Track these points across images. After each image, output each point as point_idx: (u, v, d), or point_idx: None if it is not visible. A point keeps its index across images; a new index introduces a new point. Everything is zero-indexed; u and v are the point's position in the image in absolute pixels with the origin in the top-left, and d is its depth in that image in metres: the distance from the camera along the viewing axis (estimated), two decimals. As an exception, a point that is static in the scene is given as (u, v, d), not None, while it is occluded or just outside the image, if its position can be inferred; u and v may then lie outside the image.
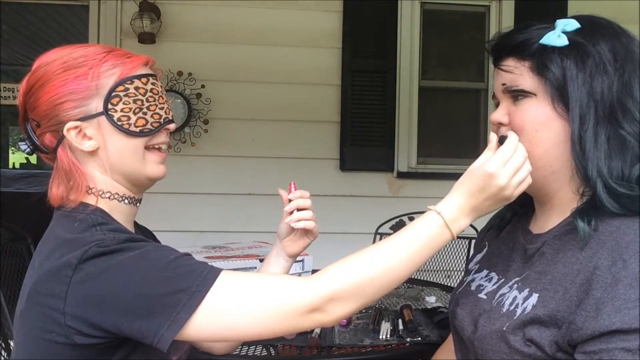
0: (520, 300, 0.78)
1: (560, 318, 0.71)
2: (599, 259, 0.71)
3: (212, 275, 0.74)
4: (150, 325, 0.71)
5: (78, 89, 0.82)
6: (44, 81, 0.82)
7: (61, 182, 0.86)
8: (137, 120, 0.84)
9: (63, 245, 0.76)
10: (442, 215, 0.78)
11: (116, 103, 0.83)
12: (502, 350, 0.77)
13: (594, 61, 0.77)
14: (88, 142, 0.83)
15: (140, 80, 0.85)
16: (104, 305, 0.72)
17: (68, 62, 0.82)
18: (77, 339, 0.74)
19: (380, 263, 0.76)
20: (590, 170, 0.75)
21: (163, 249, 0.78)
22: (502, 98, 0.85)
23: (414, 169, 3.32)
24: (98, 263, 0.73)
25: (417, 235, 0.78)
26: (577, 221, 0.76)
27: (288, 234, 1.04)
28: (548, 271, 0.77)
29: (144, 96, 0.85)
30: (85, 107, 0.82)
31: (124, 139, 0.84)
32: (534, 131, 0.80)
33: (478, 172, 0.77)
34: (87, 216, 0.81)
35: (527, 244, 0.87)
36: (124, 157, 0.85)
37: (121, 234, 0.78)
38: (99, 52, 0.84)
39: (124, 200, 0.87)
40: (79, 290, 0.72)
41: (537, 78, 0.79)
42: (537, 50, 0.79)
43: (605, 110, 0.76)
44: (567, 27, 0.79)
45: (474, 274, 0.97)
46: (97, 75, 0.82)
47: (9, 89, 4.87)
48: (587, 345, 0.68)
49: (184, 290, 0.72)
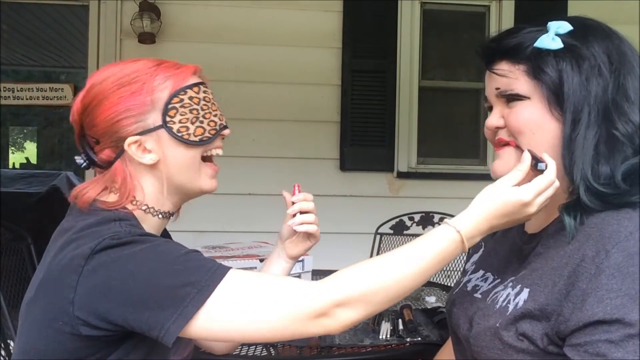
0: (512, 296, 0.79)
1: (550, 311, 0.72)
2: (585, 250, 0.72)
3: (221, 271, 0.75)
4: (158, 318, 0.71)
5: (134, 105, 0.84)
6: (100, 100, 0.85)
7: (102, 186, 0.87)
8: (196, 130, 0.87)
9: (80, 238, 0.77)
10: (461, 233, 0.76)
11: (173, 115, 0.85)
12: (496, 346, 0.77)
13: (590, 64, 0.77)
14: (148, 155, 0.85)
15: (192, 89, 0.87)
16: (113, 295, 0.72)
17: (121, 79, 0.85)
18: (82, 330, 0.74)
19: (392, 273, 0.75)
20: (575, 173, 0.76)
21: (174, 244, 0.80)
22: (496, 102, 0.85)
23: (414, 169, 3.32)
24: (111, 253, 0.74)
25: (432, 248, 0.77)
26: (564, 216, 0.77)
27: (290, 236, 1.05)
28: (539, 267, 0.78)
29: (198, 105, 0.87)
30: (143, 121, 0.85)
31: (183, 149, 0.87)
32: (532, 133, 0.80)
33: (509, 198, 0.76)
34: (112, 212, 0.83)
35: (524, 244, 0.88)
36: (182, 168, 0.87)
37: (138, 230, 0.80)
38: (149, 66, 0.87)
39: (158, 214, 0.89)
40: (90, 280, 0.73)
41: (533, 82, 0.79)
42: (532, 53, 0.79)
43: (599, 112, 0.76)
44: (560, 29, 0.79)
45: (470, 274, 0.98)
46: (151, 89, 0.85)
47: (9, 89, 4.87)
48: (573, 337, 0.69)
49: (193, 284, 0.72)
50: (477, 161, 3.42)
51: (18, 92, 4.87)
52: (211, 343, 1.07)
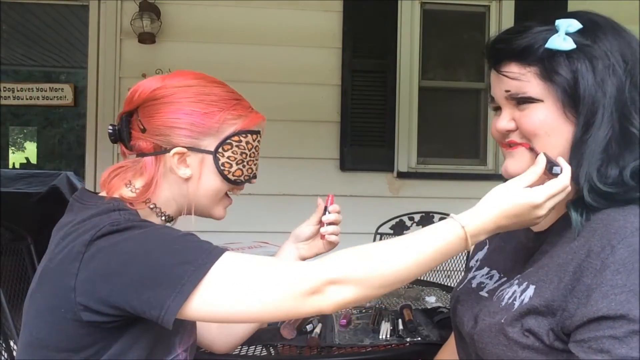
0: (518, 293, 0.79)
1: (556, 306, 0.72)
2: (590, 245, 0.72)
3: (217, 252, 0.77)
4: (158, 296, 0.72)
5: (201, 123, 0.88)
6: (173, 100, 0.87)
7: (125, 178, 0.89)
8: (236, 170, 0.92)
9: (80, 228, 0.79)
10: (465, 229, 0.76)
11: (227, 150, 0.90)
12: (501, 342, 0.77)
13: (604, 64, 0.75)
14: (185, 169, 0.89)
15: (252, 135, 0.93)
16: (113, 278, 0.74)
17: (202, 95, 0.89)
18: (84, 316, 0.75)
19: (390, 260, 0.75)
20: (581, 174, 0.76)
21: (171, 228, 0.83)
22: (505, 104, 0.83)
23: (414, 169, 3.32)
24: (110, 239, 0.76)
25: (434, 240, 0.76)
26: (571, 212, 0.76)
27: (307, 239, 1.07)
28: (545, 264, 0.78)
29: (249, 151, 0.93)
30: (199, 140, 0.88)
31: (218, 181, 0.91)
32: (547, 136, 0.78)
33: (520, 199, 0.75)
34: (112, 204, 0.84)
35: (529, 242, 0.87)
36: (207, 195, 0.92)
37: (137, 217, 0.83)
38: (230, 97, 0.91)
39: (162, 215, 0.92)
40: (90, 265, 0.75)
41: (546, 84, 0.77)
42: (543, 55, 0.77)
43: (612, 113, 0.75)
44: (570, 28, 0.77)
45: (474, 271, 0.97)
46: (223, 119, 0.89)
47: (9, 89, 4.87)
48: (577, 333, 0.69)
49: (190, 262, 0.74)
50: (477, 161, 3.42)
51: (18, 92, 4.87)
52: (211, 341, 1.07)
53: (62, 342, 0.78)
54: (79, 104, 5.18)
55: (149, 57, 3.06)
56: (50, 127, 12.99)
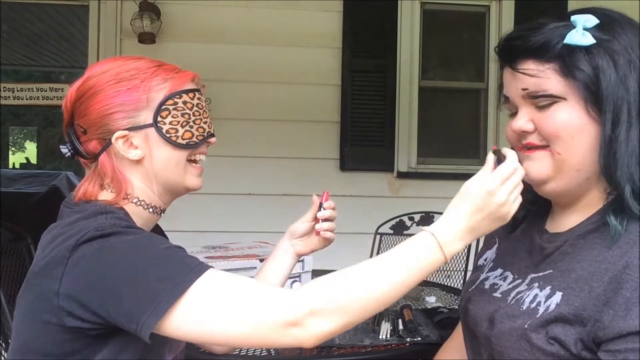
0: (542, 298, 0.76)
1: (586, 316, 0.70)
2: (630, 257, 0.70)
3: (198, 270, 0.74)
4: (135, 310, 0.71)
5: (129, 100, 0.86)
6: (96, 90, 0.86)
7: (96, 183, 0.88)
8: (184, 133, 0.88)
9: (66, 232, 0.78)
10: (436, 237, 0.75)
11: (165, 116, 0.87)
12: (524, 348, 0.75)
13: (624, 59, 0.73)
14: (134, 151, 0.87)
15: (188, 94, 0.89)
16: (96, 286, 0.73)
17: (120, 73, 0.86)
18: (67, 321, 0.75)
19: (366, 283, 0.74)
20: (619, 175, 0.73)
21: (158, 238, 0.81)
22: (522, 103, 0.79)
23: (414, 169, 3.32)
24: (94, 244, 0.75)
25: (408, 257, 0.76)
26: (610, 219, 0.73)
27: (302, 235, 1.07)
28: (572, 269, 0.75)
29: (190, 110, 0.89)
30: (135, 118, 0.86)
31: (170, 150, 0.88)
32: (571, 137, 0.75)
33: (476, 191, 0.75)
34: (98, 207, 0.83)
35: (544, 243, 0.85)
36: (167, 168, 0.89)
37: (123, 222, 0.81)
38: (149, 65, 0.89)
39: (149, 208, 0.90)
40: (74, 271, 0.74)
41: (566, 81, 0.74)
42: (562, 51, 0.74)
43: (638, 110, 0.73)
44: (587, 23, 0.74)
45: (487, 272, 0.95)
46: (149, 88, 0.86)
47: (9, 89, 4.86)
48: (612, 343, 0.67)
49: (170, 279, 0.72)
50: (477, 161, 3.42)
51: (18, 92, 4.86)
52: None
53: (48, 347, 0.77)
54: (79, 104, 5.17)
55: (149, 57, 3.05)
56: (50, 127, 12.98)
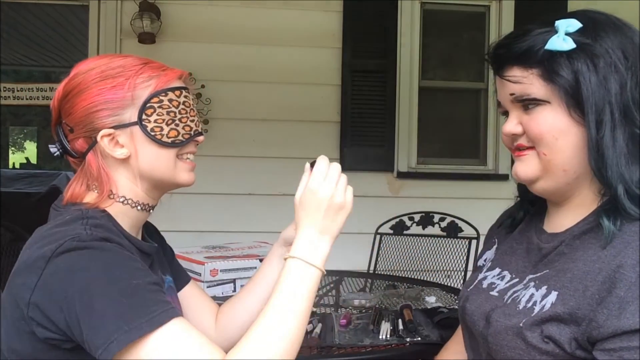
0: (538, 297, 0.77)
1: (580, 316, 0.71)
2: (623, 257, 0.70)
3: (159, 319, 0.72)
4: (93, 341, 0.70)
5: (114, 98, 0.84)
6: (81, 89, 0.85)
7: (83, 183, 0.88)
8: (170, 132, 0.87)
9: (45, 237, 0.77)
10: (300, 257, 0.81)
11: (150, 114, 0.85)
12: (519, 346, 0.76)
13: (605, 62, 0.74)
14: (120, 149, 0.86)
15: (174, 92, 0.88)
16: (62, 305, 0.72)
17: (106, 71, 0.85)
18: (37, 332, 0.74)
19: (283, 334, 0.75)
20: (610, 176, 0.74)
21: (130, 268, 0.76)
22: (512, 108, 0.82)
23: (414, 169, 3.32)
24: (68, 259, 0.73)
25: (289, 289, 0.79)
26: (603, 220, 0.74)
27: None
28: (567, 269, 0.76)
29: (176, 108, 0.88)
30: (120, 116, 0.85)
31: (155, 148, 0.87)
32: (554, 139, 0.77)
33: (304, 197, 0.84)
34: (80, 211, 0.82)
35: (542, 243, 0.86)
36: (155, 166, 0.88)
37: (100, 231, 0.78)
38: (135, 63, 0.87)
39: (137, 206, 0.89)
40: (47, 284, 0.73)
41: (549, 85, 0.76)
42: (544, 56, 0.76)
43: (621, 111, 0.74)
44: (570, 28, 0.76)
45: (485, 272, 0.96)
46: (134, 86, 0.85)
47: (9, 89, 4.86)
48: (607, 342, 0.68)
49: (127, 321, 0.70)
50: (477, 161, 3.42)
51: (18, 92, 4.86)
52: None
53: (27, 354, 0.77)
54: (79, 104, 5.17)
55: (148, 57, 3.05)
56: (50, 127, 12.97)
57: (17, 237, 2.01)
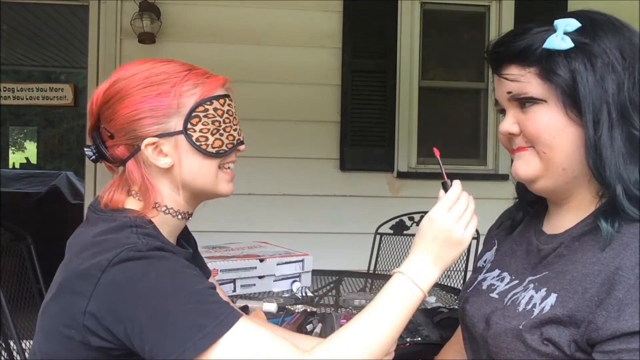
0: (537, 300, 0.77)
1: (580, 318, 0.71)
2: (622, 259, 0.70)
3: (228, 321, 0.72)
4: (160, 351, 0.70)
5: (159, 106, 0.82)
6: (124, 95, 0.83)
7: (123, 190, 0.86)
8: (214, 142, 0.85)
9: (96, 244, 0.76)
10: (408, 275, 0.81)
11: (195, 123, 0.84)
12: (518, 348, 0.76)
13: (603, 61, 0.74)
14: (164, 159, 0.84)
15: (218, 101, 0.86)
16: (122, 316, 0.71)
17: (150, 77, 0.83)
18: (92, 340, 0.74)
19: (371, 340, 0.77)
20: (609, 176, 0.73)
21: (189, 275, 0.76)
22: (509, 106, 0.82)
23: (414, 169, 3.32)
24: (126, 269, 0.72)
25: (391, 301, 0.80)
26: (600, 222, 0.74)
27: None
28: (567, 271, 0.76)
29: (221, 117, 0.86)
30: (165, 124, 0.83)
31: (199, 158, 0.85)
32: (552, 137, 0.77)
33: (424, 224, 0.83)
34: (127, 218, 0.81)
35: (541, 244, 0.86)
36: (197, 176, 0.86)
37: (153, 241, 0.78)
38: (180, 69, 0.85)
39: (177, 215, 0.88)
40: (103, 293, 0.72)
41: (546, 84, 0.76)
42: (542, 55, 0.76)
43: (619, 111, 0.74)
44: (568, 27, 0.76)
45: (485, 273, 0.95)
46: (179, 94, 0.83)
47: (9, 89, 4.87)
48: (606, 344, 0.68)
49: (199, 327, 0.70)
50: (477, 161, 3.42)
51: (18, 92, 4.87)
52: None
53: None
54: (79, 104, 5.18)
55: (149, 57, 3.05)
56: (50, 127, 12.97)
57: (17, 237, 2.01)
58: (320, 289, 1.90)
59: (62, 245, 0.86)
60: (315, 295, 1.77)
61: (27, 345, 1.91)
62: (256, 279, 1.72)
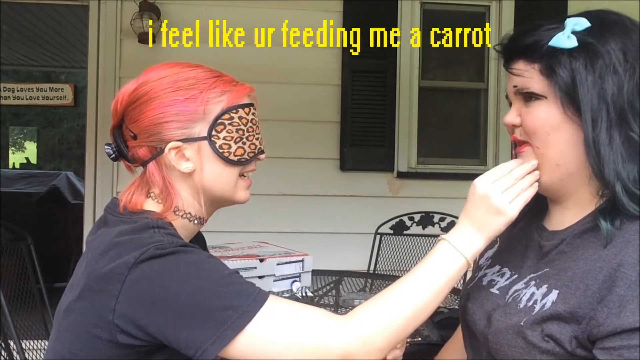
0: (538, 296, 0.78)
1: (581, 314, 0.71)
2: (624, 256, 0.70)
3: (261, 298, 0.74)
4: (197, 338, 0.71)
5: (186, 111, 0.83)
6: (151, 97, 0.84)
7: (143, 191, 0.87)
8: (237, 150, 0.87)
9: (119, 244, 0.77)
10: (451, 242, 0.80)
11: (220, 130, 0.85)
12: (519, 345, 0.76)
13: (604, 62, 0.75)
14: (186, 163, 0.85)
15: (244, 109, 0.88)
16: (154, 309, 0.72)
17: (178, 81, 0.84)
18: (120, 338, 0.74)
19: (410, 304, 0.76)
20: (607, 174, 0.74)
21: (216, 262, 0.79)
22: (514, 100, 0.85)
23: (414, 169, 3.32)
24: (154, 265, 0.73)
25: (433, 268, 0.79)
26: (600, 221, 0.75)
27: None
28: (568, 268, 0.77)
29: (245, 126, 0.88)
30: (189, 129, 0.84)
31: (221, 165, 0.86)
32: (546, 134, 0.79)
33: (470, 190, 0.82)
34: (148, 220, 0.81)
35: (543, 240, 0.86)
36: (217, 182, 0.88)
37: (178, 239, 0.80)
38: (208, 76, 0.86)
39: (194, 220, 0.89)
40: (132, 290, 0.73)
41: (547, 81, 0.78)
42: (546, 52, 0.77)
43: (617, 112, 0.74)
44: (577, 26, 0.77)
45: (485, 269, 0.96)
46: (206, 100, 0.84)
47: (9, 89, 4.87)
48: (606, 341, 0.68)
49: (235, 308, 0.72)
50: (477, 161, 3.42)
51: (18, 92, 4.87)
52: None
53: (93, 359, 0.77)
54: (79, 104, 5.17)
55: (149, 57, 3.05)
56: (50, 127, 12.97)
57: (17, 237, 2.01)
58: (320, 289, 1.91)
59: (62, 245, 0.86)
60: (315, 295, 1.77)
61: (27, 345, 1.91)
62: (256, 279, 1.72)
